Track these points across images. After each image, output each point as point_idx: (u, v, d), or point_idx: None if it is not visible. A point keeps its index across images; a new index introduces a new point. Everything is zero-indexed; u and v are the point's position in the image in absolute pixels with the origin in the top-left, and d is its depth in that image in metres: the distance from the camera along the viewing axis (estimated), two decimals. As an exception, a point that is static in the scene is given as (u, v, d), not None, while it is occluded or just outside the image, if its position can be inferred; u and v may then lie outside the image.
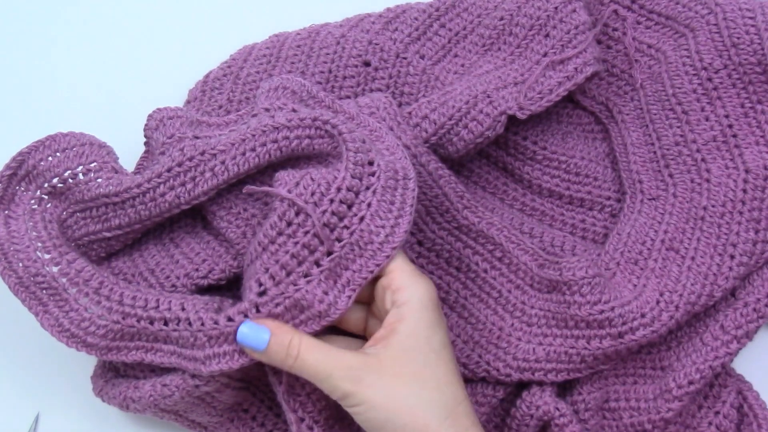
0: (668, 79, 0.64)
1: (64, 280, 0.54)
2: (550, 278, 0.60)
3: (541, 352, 0.60)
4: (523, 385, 0.61)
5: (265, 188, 0.53)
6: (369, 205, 0.52)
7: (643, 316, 0.58)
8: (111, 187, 0.56)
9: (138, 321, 0.54)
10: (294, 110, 0.57)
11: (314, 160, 0.56)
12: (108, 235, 0.58)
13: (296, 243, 0.51)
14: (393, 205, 0.53)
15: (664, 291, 0.59)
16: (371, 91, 0.65)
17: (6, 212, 0.57)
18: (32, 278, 0.54)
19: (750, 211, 0.60)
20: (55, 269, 0.55)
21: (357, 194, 0.52)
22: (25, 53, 0.73)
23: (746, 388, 0.60)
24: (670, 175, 0.64)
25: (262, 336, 0.50)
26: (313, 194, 0.51)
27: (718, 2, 0.63)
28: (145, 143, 0.62)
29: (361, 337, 0.56)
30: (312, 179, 0.52)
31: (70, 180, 0.57)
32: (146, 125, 0.60)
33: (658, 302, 0.58)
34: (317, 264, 0.51)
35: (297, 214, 0.51)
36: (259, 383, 0.59)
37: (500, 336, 0.60)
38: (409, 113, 0.62)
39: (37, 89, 0.72)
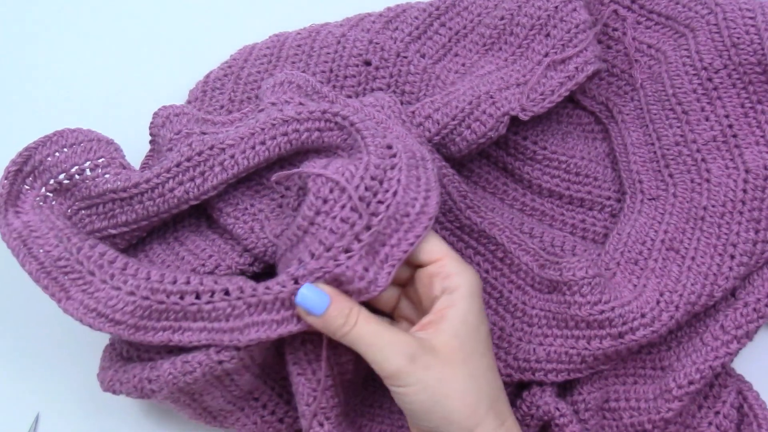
0: (668, 79, 0.64)
1: (88, 262, 0.53)
2: (550, 278, 0.60)
3: (541, 352, 0.60)
4: (523, 385, 0.61)
5: (296, 170, 0.53)
6: (398, 180, 0.51)
7: (643, 316, 0.58)
8: (119, 183, 0.55)
9: (167, 296, 0.53)
10: (301, 104, 0.57)
11: (323, 154, 0.56)
12: (114, 232, 0.57)
13: (334, 218, 0.50)
14: (420, 181, 0.53)
15: (664, 291, 0.59)
16: (372, 90, 0.65)
17: (14, 209, 0.56)
18: (54, 263, 0.53)
19: (750, 211, 0.60)
20: (77, 254, 0.54)
21: (385, 171, 0.52)
22: (25, 54, 0.73)
23: (746, 388, 0.60)
24: (670, 175, 0.64)
25: (322, 300, 0.50)
26: (343, 174, 0.51)
27: (718, 2, 0.63)
28: (151, 141, 0.61)
29: (388, 315, 0.56)
30: (339, 164, 0.52)
31: (77, 176, 0.57)
32: (152, 123, 0.60)
33: (658, 302, 0.58)
34: (357, 239, 0.50)
35: (331, 190, 0.51)
36: (270, 371, 0.59)
37: (501, 336, 0.60)
38: (413, 113, 0.62)
39: (37, 90, 0.71)
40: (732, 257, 0.59)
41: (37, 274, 0.54)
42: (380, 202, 0.51)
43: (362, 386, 0.61)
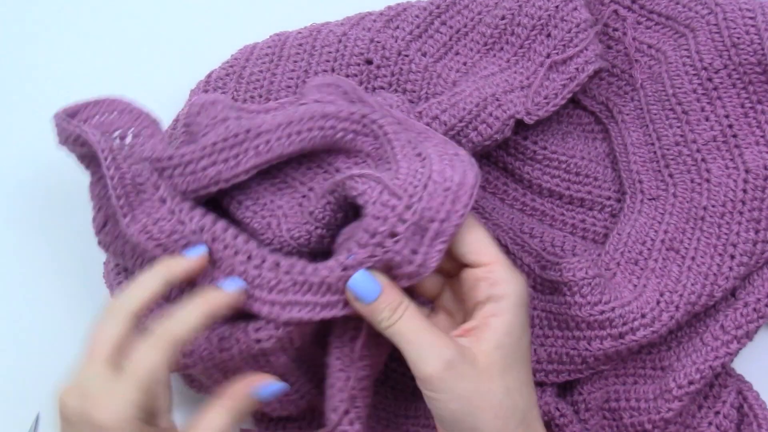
0: (668, 79, 0.64)
1: (162, 189, 0.53)
2: (551, 279, 0.60)
3: (542, 353, 0.60)
4: (523, 385, 0.61)
5: (367, 171, 0.52)
6: (431, 168, 0.51)
7: (643, 316, 0.58)
8: (156, 153, 0.54)
9: (225, 248, 0.52)
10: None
11: (350, 156, 0.56)
12: None
13: (374, 203, 0.50)
14: (454, 163, 0.52)
15: (665, 291, 0.59)
16: (374, 89, 0.65)
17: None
18: (133, 178, 0.52)
19: (750, 211, 0.60)
20: (152, 177, 0.53)
21: (416, 169, 0.51)
22: (24, 54, 0.72)
23: (746, 388, 0.60)
24: (670, 175, 0.64)
25: (374, 288, 0.49)
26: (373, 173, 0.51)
27: (718, 2, 0.63)
28: (184, 132, 0.61)
29: (429, 303, 0.56)
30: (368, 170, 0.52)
31: (119, 140, 0.56)
32: (188, 112, 0.59)
33: (658, 302, 0.58)
34: (401, 220, 0.49)
35: (363, 182, 0.51)
36: (306, 358, 0.58)
37: (502, 336, 0.60)
38: (419, 113, 0.62)
39: (37, 90, 0.71)
40: (732, 257, 0.60)
41: (116, 183, 0.52)
42: (415, 186, 0.50)
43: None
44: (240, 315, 0.53)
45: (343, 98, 0.58)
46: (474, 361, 0.48)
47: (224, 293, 0.50)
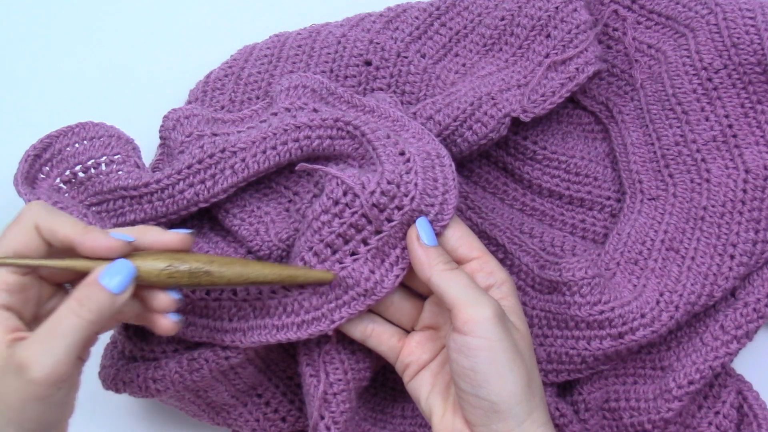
0: (668, 79, 0.64)
1: None
2: (550, 279, 0.60)
3: (542, 353, 0.60)
4: (523, 385, 0.61)
5: (317, 166, 0.53)
6: (416, 184, 0.52)
7: (643, 316, 0.58)
8: (130, 180, 0.55)
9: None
10: (315, 110, 0.57)
11: (333, 162, 0.56)
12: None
13: (343, 223, 0.51)
14: (437, 182, 0.53)
15: (664, 291, 0.59)
16: (372, 90, 0.65)
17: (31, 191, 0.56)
18: None
19: (750, 211, 0.60)
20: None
21: (401, 176, 0.52)
22: (24, 53, 0.72)
23: (746, 388, 0.60)
24: (670, 175, 0.64)
25: (434, 236, 0.51)
26: (359, 180, 0.52)
27: (718, 2, 0.63)
28: (161, 144, 0.61)
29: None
30: (356, 170, 0.53)
31: (92, 170, 0.57)
32: (163, 125, 0.60)
33: (658, 302, 0.58)
34: (365, 243, 0.51)
35: (345, 193, 0.52)
36: (276, 368, 0.59)
37: (501, 336, 0.60)
38: (414, 114, 0.62)
39: (36, 90, 0.71)
40: (732, 257, 0.60)
41: None
42: (398, 207, 0.51)
43: (365, 390, 0.61)
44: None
45: (312, 97, 0.59)
46: (516, 325, 0.50)
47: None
